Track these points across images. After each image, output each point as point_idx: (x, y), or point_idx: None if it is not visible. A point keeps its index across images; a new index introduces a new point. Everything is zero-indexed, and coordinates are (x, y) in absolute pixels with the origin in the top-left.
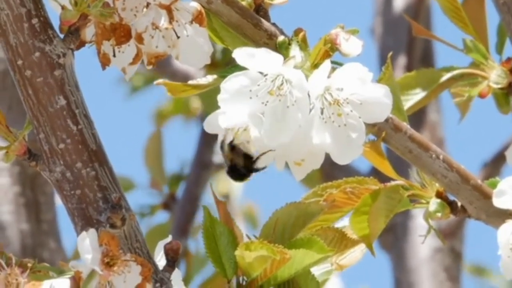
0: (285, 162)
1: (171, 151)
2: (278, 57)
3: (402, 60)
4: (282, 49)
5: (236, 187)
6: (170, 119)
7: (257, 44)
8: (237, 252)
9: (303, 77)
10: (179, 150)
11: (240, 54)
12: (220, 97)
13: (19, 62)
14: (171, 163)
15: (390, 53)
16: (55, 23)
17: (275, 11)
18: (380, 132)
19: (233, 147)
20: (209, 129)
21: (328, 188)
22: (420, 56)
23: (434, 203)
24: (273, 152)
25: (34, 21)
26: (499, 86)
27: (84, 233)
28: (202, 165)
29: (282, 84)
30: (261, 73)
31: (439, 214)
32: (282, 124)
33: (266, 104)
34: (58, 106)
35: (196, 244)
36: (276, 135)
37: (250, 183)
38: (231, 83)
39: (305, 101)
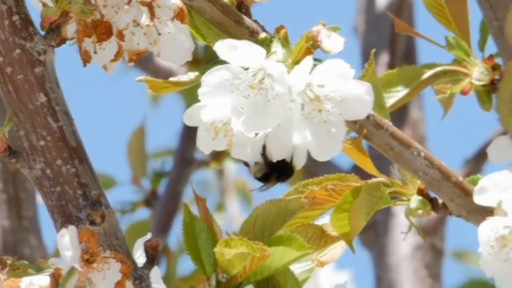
0: None
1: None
2: (260, 50)
3: (384, 57)
4: (263, 46)
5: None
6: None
7: None
8: (216, 249)
9: (285, 70)
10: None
11: (222, 47)
12: (201, 91)
13: (0, 59)
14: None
15: (373, 50)
16: (36, 20)
17: (257, 9)
18: (361, 129)
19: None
20: (190, 122)
21: (309, 185)
22: (403, 53)
23: (415, 200)
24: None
25: (15, 18)
26: (481, 83)
27: (64, 230)
28: (183, 162)
29: (263, 78)
30: (242, 67)
31: (420, 211)
32: (262, 116)
33: (247, 98)
34: (39, 103)
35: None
36: (255, 124)
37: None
38: (212, 77)
39: (286, 96)
